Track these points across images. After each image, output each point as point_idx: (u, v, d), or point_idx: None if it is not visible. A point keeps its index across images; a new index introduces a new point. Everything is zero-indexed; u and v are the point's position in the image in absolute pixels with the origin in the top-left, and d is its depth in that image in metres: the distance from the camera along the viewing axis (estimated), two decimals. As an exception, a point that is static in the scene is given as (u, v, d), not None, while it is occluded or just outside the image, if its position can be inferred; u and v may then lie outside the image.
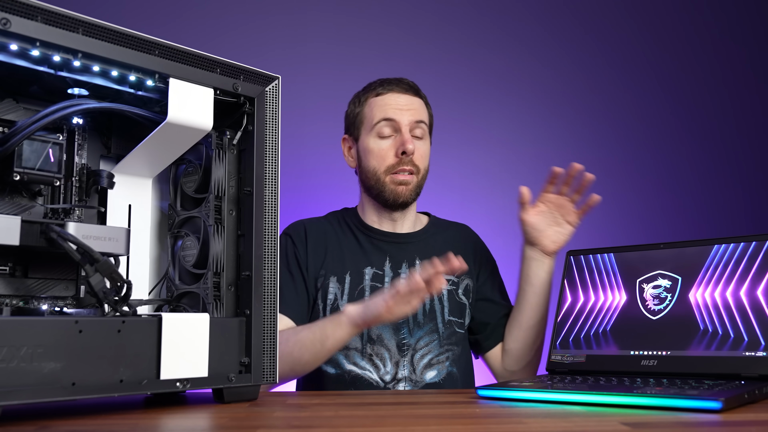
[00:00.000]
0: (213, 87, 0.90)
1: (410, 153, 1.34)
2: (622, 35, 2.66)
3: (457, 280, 1.39)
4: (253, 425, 0.73)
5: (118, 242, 0.84)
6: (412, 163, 1.35)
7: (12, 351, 0.68)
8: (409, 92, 1.38)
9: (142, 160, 0.94)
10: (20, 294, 0.85)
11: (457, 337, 1.35)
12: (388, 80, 1.40)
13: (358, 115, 1.41)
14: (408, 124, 1.35)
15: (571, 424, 0.72)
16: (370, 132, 1.37)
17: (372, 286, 1.35)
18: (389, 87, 1.38)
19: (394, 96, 1.37)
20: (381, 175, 1.36)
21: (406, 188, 1.36)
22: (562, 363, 1.14)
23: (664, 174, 2.61)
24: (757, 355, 0.95)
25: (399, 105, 1.36)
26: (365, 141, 1.38)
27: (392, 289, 1.10)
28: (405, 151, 1.33)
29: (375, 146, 1.36)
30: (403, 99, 1.37)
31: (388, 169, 1.35)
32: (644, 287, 1.11)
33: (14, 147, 0.80)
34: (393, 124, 1.35)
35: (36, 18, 0.74)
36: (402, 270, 1.37)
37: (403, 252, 1.39)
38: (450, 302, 1.37)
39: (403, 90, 1.38)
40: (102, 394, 0.75)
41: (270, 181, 0.95)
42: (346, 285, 1.35)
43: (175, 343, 0.82)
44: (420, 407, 0.88)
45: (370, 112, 1.38)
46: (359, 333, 1.24)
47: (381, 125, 1.35)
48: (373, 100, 1.38)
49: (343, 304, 1.32)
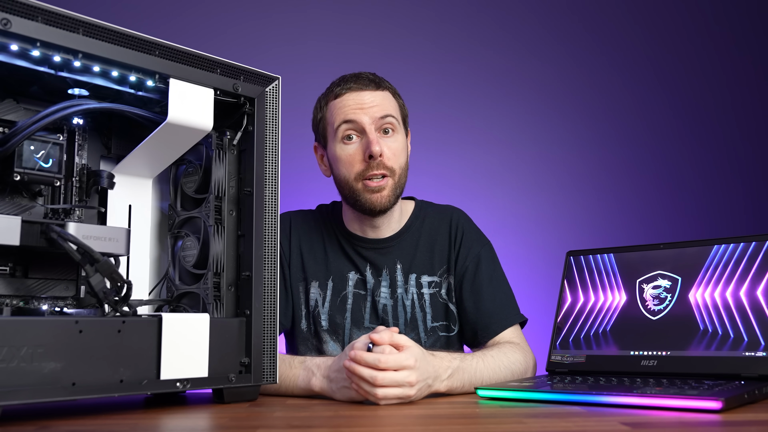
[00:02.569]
0: (213, 87, 0.90)
1: (377, 155, 1.21)
2: (623, 34, 2.66)
3: (440, 280, 1.33)
4: (254, 425, 0.73)
5: (118, 242, 0.85)
6: (383, 165, 1.23)
7: (12, 351, 0.69)
8: (369, 87, 1.26)
9: (143, 160, 0.94)
10: (20, 294, 0.85)
11: (443, 341, 1.31)
12: (345, 78, 1.28)
13: (321, 121, 1.30)
14: (372, 122, 1.23)
15: (570, 424, 0.72)
16: (335, 138, 1.25)
17: (355, 294, 1.31)
18: (347, 86, 1.26)
19: (353, 95, 1.25)
20: (353, 183, 1.24)
21: (380, 195, 1.24)
22: (562, 363, 1.14)
23: (665, 174, 2.61)
24: (757, 355, 0.95)
25: (359, 103, 1.24)
26: (332, 148, 1.27)
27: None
28: (371, 154, 1.21)
29: (341, 152, 1.25)
30: (364, 96, 1.25)
31: (358, 176, 1.24)
32: (644, 287, 1.11)
33: (15, 147, 0.81)
34: (355, 126, 1.23)
35: (36, 18, 0.74)
36: (382, 277, 1.31)
37: (383, 258, 1.33)
38: (433, 307, 1.31)
39: (362, 86, 1.25)
40: (102, 394, 0.75)
41: (270, 182, 0.95)
42: (329, 291, 1.31)
43: (175, 343, 0.82)
44: (419, 407, 0.88)
45: (331, 117, 1.26)
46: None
47: (343, 129, 1.24)
48: (333, 103, 1.27)
49: (324, 312, 1.29)
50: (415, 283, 1.32)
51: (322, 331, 1.29)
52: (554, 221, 2.51)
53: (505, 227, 2.46)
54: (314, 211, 1.41)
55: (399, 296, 1.31)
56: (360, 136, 1.24)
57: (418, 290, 1.32)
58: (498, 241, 1.43)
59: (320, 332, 1.29)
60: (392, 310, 1.30)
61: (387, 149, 1.24)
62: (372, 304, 1.31)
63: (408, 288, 1.32)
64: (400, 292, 1.32)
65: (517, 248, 2.45)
